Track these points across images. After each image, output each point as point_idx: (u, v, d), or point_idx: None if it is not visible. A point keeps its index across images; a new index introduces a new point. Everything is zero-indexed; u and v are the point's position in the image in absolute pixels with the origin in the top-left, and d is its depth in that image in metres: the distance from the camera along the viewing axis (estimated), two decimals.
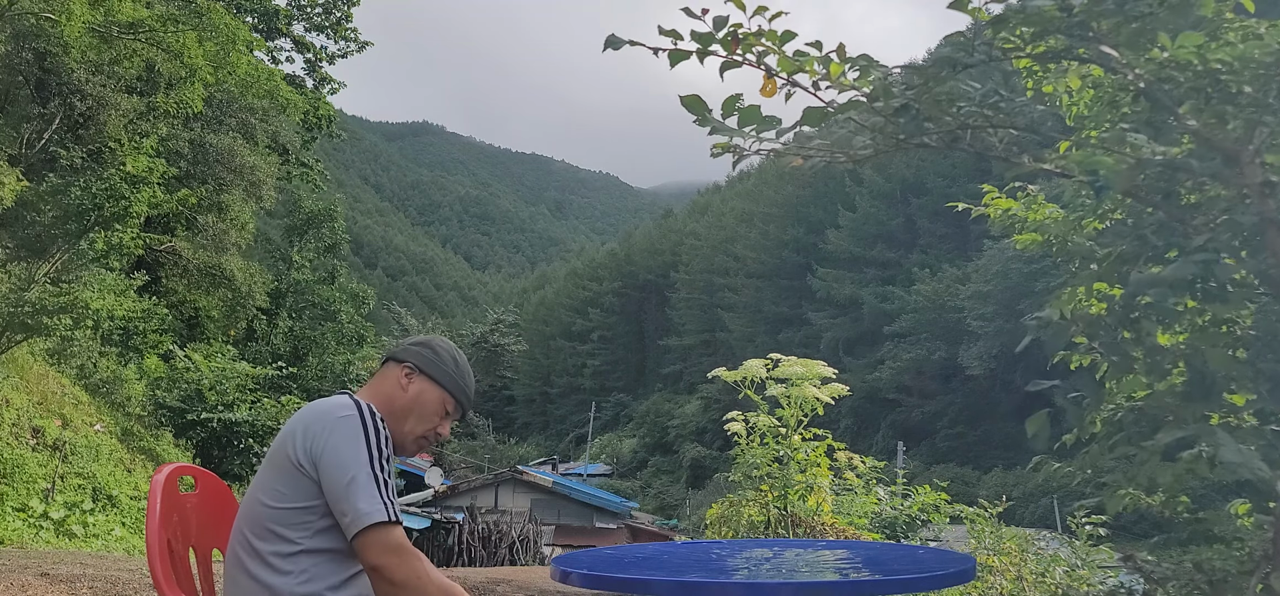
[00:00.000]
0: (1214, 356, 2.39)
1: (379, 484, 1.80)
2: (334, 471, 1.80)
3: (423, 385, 2.03)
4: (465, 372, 2.10)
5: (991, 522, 6.73)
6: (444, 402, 2.05)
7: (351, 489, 1.79)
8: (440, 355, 2.07)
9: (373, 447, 1.83)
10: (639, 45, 2.39)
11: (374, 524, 1.76)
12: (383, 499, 1.79)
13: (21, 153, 15.90)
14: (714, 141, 2.47)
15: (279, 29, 27.25)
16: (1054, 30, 2.39)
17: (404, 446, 2.04)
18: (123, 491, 11.90)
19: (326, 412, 1.88)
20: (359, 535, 1.77)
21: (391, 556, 1.77)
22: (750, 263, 68.90)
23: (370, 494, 1.79)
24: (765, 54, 2.44)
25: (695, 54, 2.44)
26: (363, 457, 1.81)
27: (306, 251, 28.02)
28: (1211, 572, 2.79)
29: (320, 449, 1.83)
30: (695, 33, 2.41)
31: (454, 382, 2.06)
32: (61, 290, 12.01)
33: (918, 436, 49.41)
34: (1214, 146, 2.41)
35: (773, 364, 5.82)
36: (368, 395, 2.02)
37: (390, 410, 1.99)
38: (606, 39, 2.41)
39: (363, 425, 1.85)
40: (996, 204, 3.49)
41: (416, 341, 2.10)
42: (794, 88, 2.48)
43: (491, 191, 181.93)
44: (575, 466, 53.28)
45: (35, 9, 13.03)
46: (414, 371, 2.03)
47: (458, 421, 2.14)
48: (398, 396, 2.01)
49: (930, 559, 2.55)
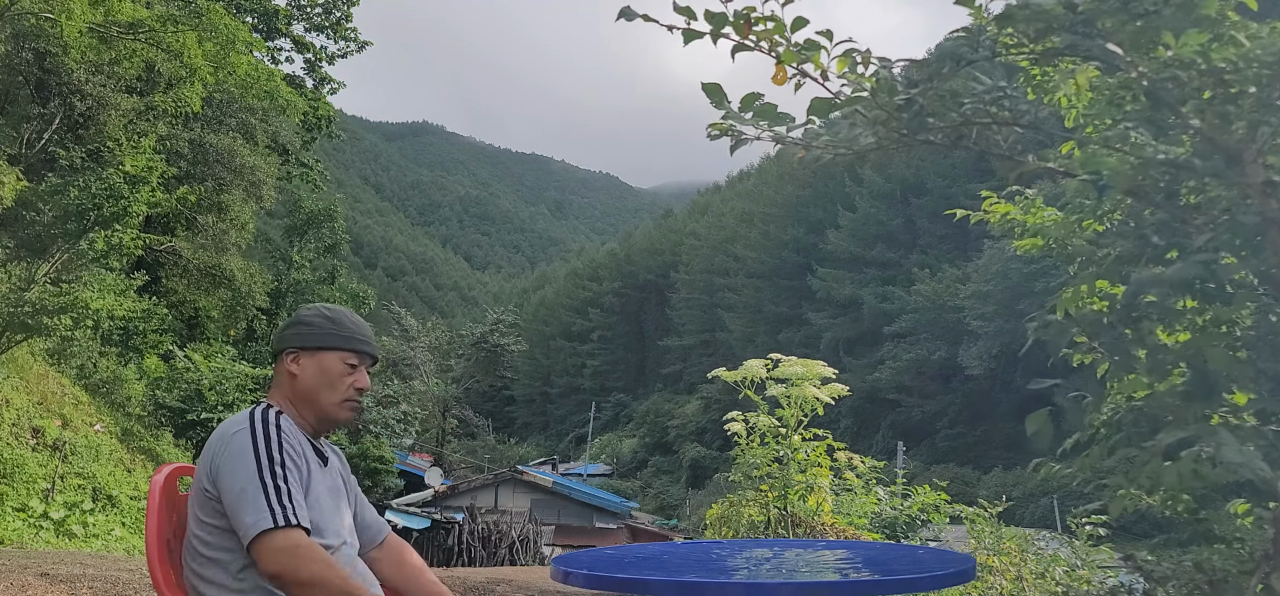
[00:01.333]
0: (1215, 356, 2.39)
1: (268, 491, 1.77)
2: (229, 493, 1.79)
3: (311, 359, 2.00)
4: (344, 320, 2.06)
5: (991, 522, 6.72)
6: (342, 360, 2.01)
7: (240, 503, 1.77)
8: (313, 323, 2.04)
9: (263, 455, 1.80)
10: (652, 21, 2.37)
11: (262, 532, 1.73)
12: (270, 504, 1.75)
13: (21, 152, 15.90)
14: (723, 136, 2.45)
15: (279, 29, 27.24)
16: (1058, 28, 2.39)
17: (335, 418, 2.01)
18: (123, 491, 11.89)
19: (222, 432, 1.88)
20: (250, 547, 1.75)
21: (286, 559, 1.73)
22: (750, 263, 68.88)
23: (257, 504, 1.75)
24: (777, 42, 2.43)
25: (708, 35, 2.42)
26: (251, 468, 1.79)
27: (306, 251, 28.01)
28: (1211, 572, 2.78)
29: (217, 470, 1.83)
30: (708, 12, 2.40)
31: (339, 337, 2.02)
32: (61, 290, 12.00)
33: (918, 436, 49.38)
34: (1217, 146, 2.41)
35: (773, 364, 5.82)
36: (274, 396, 2.03)
37: (296, 398, 1.99)
38: (620, 10, 2.38)
39: (252, 435, 1.83)
40: (995, 209, 3.48)
41: (288, 323, 2.09)
42: (803, 78, 2.46)
43: (491, 191, 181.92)
44: (575, 466, 53.25)
45: (35, 9, 13.03)
46: (297, 353, 2.01)
47: (372, 364, 2.09)
48: (296, 383, 2.00)
49: (930, 559, 2.55)
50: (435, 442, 45.16)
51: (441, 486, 26.19)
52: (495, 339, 58.84)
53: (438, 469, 31.29)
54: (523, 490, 23.97)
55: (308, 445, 1.96)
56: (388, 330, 47.43)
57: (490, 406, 65.82)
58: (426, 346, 47.72)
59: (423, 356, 45.94)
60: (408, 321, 49.01)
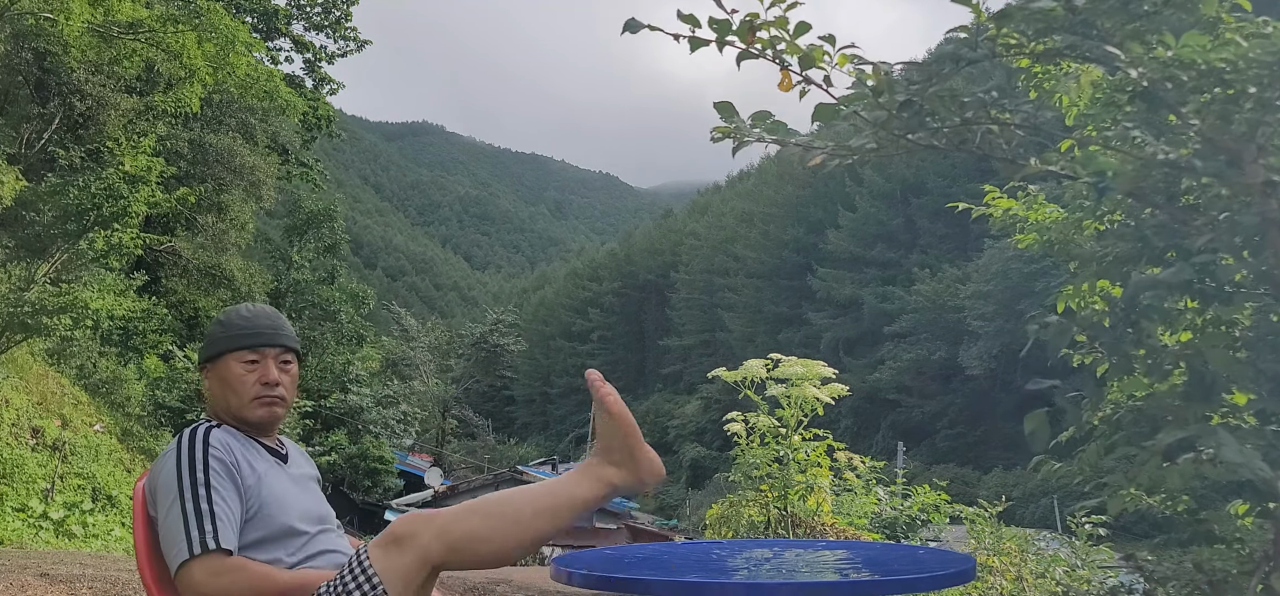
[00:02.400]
0: (1214, 356, 2.39)
1: (186, 514, 1.72)
2: (161, 525, 1.77)
3: (213, 370, 2.00)
4: (233, 320, 2.03)
5: (991, 523, 6.71)
6: (238, 360, 1.97)
7: (164, 535, 1.75)
8: (208, 336, 2.05)
9: (184, 475, 1.77)
10: (658, 30, 2.37)
11: (180, 565, 1.70)
12: (188, 532, 1.70)
13: (21, 152, 15.89)
14: (726, 137, 2.45)
15: (278, 29, 27.23)
16: (1057, 29, 2.39)
17: (251, 419, 1.97)
18: (122, 491, 11.89)
19: (154, 468, 1.86)
20: (176, 581, 1.72)
21: (212, 585, 1.69)
22: (750, 262, 68.90)
23: (175, 533, 1.72)
24: (781, 47, 2.42)
25: (714, 43, 2.42)
26: (172, 491, 1.76)
27: (306, 251, 28.01)
28: (1211, 572, 2.78)
29: (154, 497, 1.82)
30: (713, 19, 2.39)
31: (229, 339, 1.99)
32: (61, 290, 11.99)
33: (918, 436, 49.38)
34: (1217, 146, 2.41)
35: (773, 364, 5.81)
36: (208, 414, 2.03)
37: (220, 411, 1.99)
38: (625, 22, 2.37)
39: (176, 459, 1.80)
40: (997, 203, 3.49)
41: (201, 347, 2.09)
42: (808, 85, 2.46)
43: (491, 191, 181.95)
44: (575, 466, 53.15)
45: (35, 9, 13.02)
46: (205, 367, 2.02)
47: (281, 350, 2.02)
48: (212, 396, 2.01)
49: (930, 559, 2.55)
50: (435, 443, 45.17)
51: (441, 486, 26.21)
52: (495, 339, 58.87)
53: (437, 469, 31.31)
54: None
55: (254, 449, 1.93)
56: (388, 330, 47.44)
57: (490, 406, 65.83)
58: (426, 346, 47.73)
59: (423, 356, 45.96)
60: (408, 321, 49.03)
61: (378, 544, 1.65)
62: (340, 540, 2.00)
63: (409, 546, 1.61)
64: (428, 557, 1.61)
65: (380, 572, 1.60)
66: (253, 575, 1.74)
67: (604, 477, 1.78)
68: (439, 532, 1.62)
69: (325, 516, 2.00)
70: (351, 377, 28.15)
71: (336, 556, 1.93)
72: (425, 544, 1.61)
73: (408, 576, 1.60)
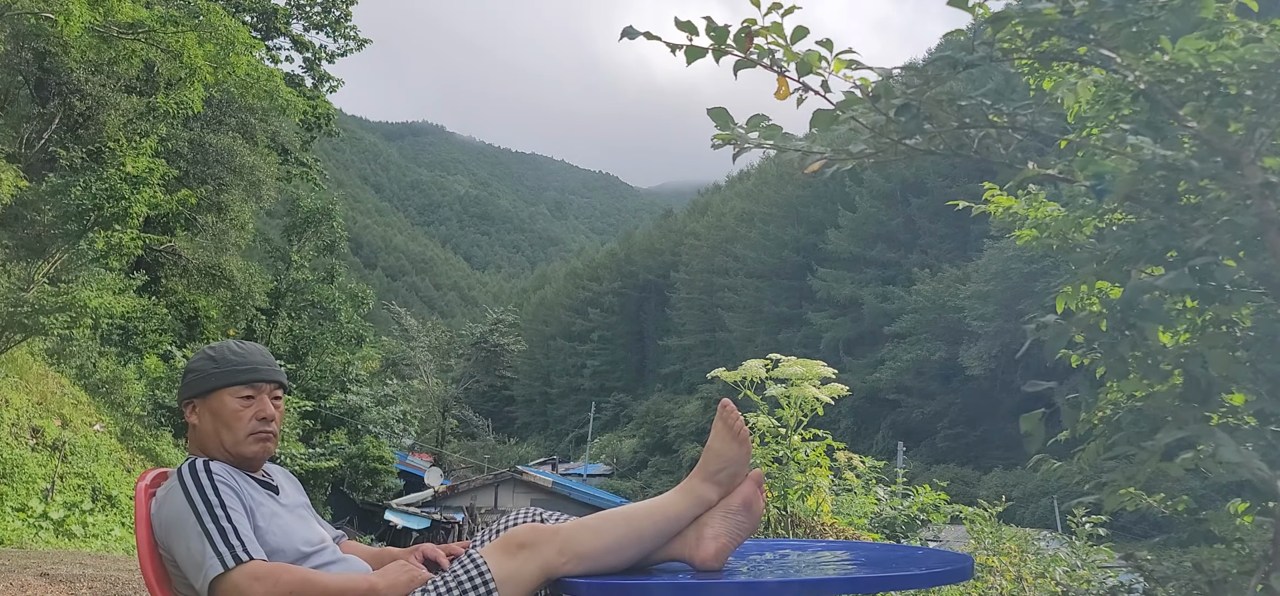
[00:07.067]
0: (1214, 357, 2.39)
1: (211, 536, 1.74)
2: (184, 559, 1.78)
3: (204, 405, 1.98)
4: (226, 355, 2.01)
5: (991, 522, 6.72)
6: (234, 395, 1.97)
7: (191, 563, 1.76)
8: (198, 369, 2.01)
9: (197, 501, 1.79)
10: (655, 38, 2.37)
11: (213, 581, 1.72)
12: (217, 550, 1.73)
13: (21, 152, 15.88)
14: (727, 144, 2.45)
15: (278, 28, 27.20)
16: (1054, 32, 2.39)
17: (245, 455, 1.97)
18: (122, 491, 11.89)
19: (158, 502, 1.87)
20: (211, 593, 1.75)
21: (257, 590, 1.71)
22: (750, 263, 68.93)
23: (203, 554, 1.74)
24: (779, 54, 2.42)
25: (710, 51, 2.41)
26: (191, 523, 1.77)
27: (305, 251, 27.99)
28: (1211, 572, 2.79)
29: (168, 543, 1.82)
30: (710, 27, 2.39)
31: (223, 375, 1.98)
32: (60, 290, 11.99)
33: (918, 436, 49.41)
34: (1215, 148, 2.41)
35: (772, 364, 5.81)
36: (191, 450, 2.02)
37: (207, 447, 1.97)
38: (622, 30, 2.37)
39: (185, 492, 1.81)
40: (998, 200, 3.49)
41: (181, 376, 2.07)
42: (805, 92, 2.45)
43: (491, 191, 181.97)
44: (575, 466, 53.24)
45: (35, 8, 13.01)
46: (193, 402, 1.99)
47: (274, 384, 2.02)
48: (200, 433, 1.98)
49: (928, 558, 2.55)
50: (435, 442, 45.18)
51: (441, 486, 26.21)
52: (495, 339, 58.92)
53: (437, 469, 31.31)
54: (522, 490, 23.97)
55: (247, 482, 1.93)
56: (388, 330, 47.45)
57: (490, 406, 65.86)
58: (426, 346, 47.76)
59: (423, 356, 45.99)
60: (408, 321, 49.06)
61: (498, 548, 1.77)
62: (338, 552, 2.02)
63: (532, 555, 1.75)
64: (549, 568, 1.75)
65: (497, 576, 1.71)
66: (295, 576, 1.76)
67: (699, 494, 1.91)
68: (563, 545, 1.76)
69: (323, 538, 2.01)
70: (351, 377, 28.15)
71: (344, 566, 1.96)
72: (548, 556, 1.75)
73: (526, 584, 1.73)
